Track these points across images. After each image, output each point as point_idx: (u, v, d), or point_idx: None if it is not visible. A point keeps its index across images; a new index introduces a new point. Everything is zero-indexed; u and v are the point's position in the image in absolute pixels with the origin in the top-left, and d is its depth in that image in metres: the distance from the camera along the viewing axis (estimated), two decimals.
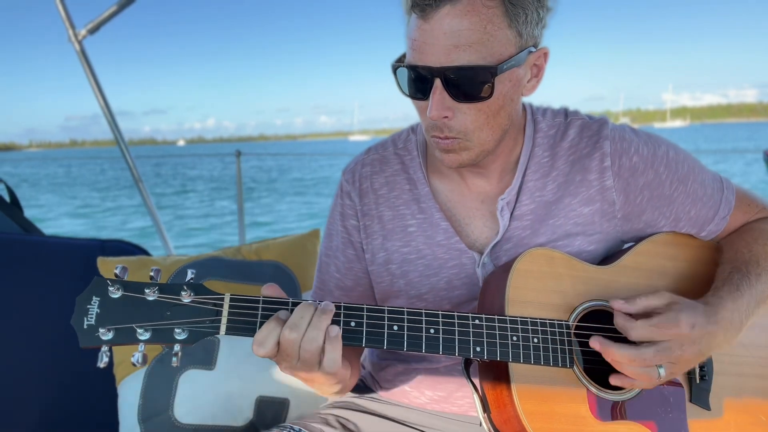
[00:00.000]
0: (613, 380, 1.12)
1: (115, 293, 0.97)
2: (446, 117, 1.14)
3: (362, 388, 1.52)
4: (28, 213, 2.43)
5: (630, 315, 1.13)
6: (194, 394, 1.75)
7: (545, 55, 1.20)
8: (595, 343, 1.11)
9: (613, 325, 1.22)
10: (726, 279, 1.22)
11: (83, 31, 2.90)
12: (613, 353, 1.09)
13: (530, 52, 1.15)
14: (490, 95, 1.12)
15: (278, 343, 1.02)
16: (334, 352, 1.03)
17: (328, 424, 1.37)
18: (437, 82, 1.11)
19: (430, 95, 1.13)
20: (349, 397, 1.48)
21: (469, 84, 1.11)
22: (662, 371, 1.08)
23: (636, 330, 1.09)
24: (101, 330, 0.94)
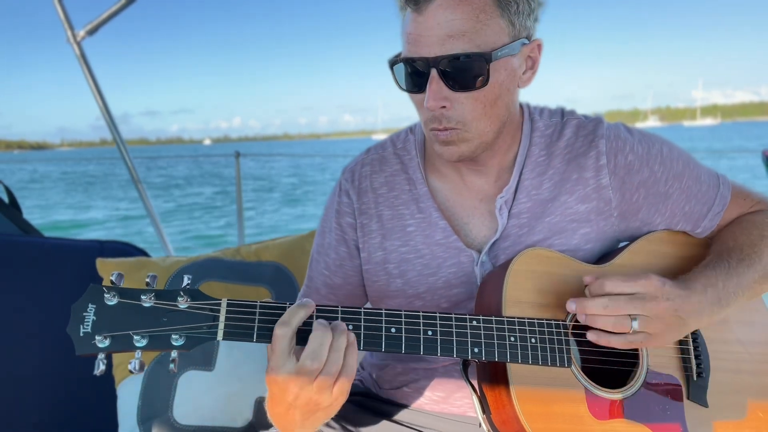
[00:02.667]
0: (590, 336, 1.12)
1: (111, 300, 0.97)
2: (444, 107, 1.16)
3: (361, 389, 1.52)
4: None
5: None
6: (194, 395, 1.76)
7: (539, 46, 1.23)
8: (571, 304, 1.12)
9: None
10: (705, 264, 1.24)
11: (82, 32, 2.89)
12: (587, 306, 1.10)
13: (524, 43, 1.18)
14: (486, 83, 1.14)
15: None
16: (352, 357, 1.02)
17: (327, 425, 1.38)
18: (433, 73, 1.13)
19: (427, 86, 1.14)
20: (348, 398, 1.48)
21: (464, 73, 1.13)
22: (635, 324, 1.09)
23: (609, 281, 1.10)
24: (97, 337, 0.94)
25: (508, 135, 1.30)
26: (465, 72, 1.13)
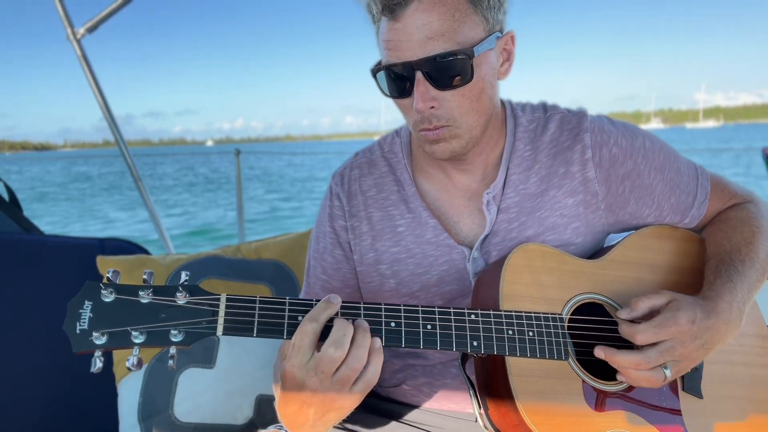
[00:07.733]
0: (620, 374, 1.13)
1: (108, 297, 0.95)
2: (432, 107, 1.17)
3: None
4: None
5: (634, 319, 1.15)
6: (194, 392, 1.76)
7: (512, 38, 1.26)
8: (600, 352, 1.13)
9: (605, 317, 1.23)
10: (716, 273, 1.24)
11: (82, 30, 2.89)
12: (618, 360, 1.11)
13: (498, 36, 1.20)
14: (471, 79, 1.16)
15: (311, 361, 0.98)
16: (377, 362, 1.01)
17: None
18: (418, 75, 1.15)
19: (414, 89, 1.16)
20: None
21: (448, 71, 1.14)
22: (668, 372, 1.10)
23: (641, 333, 1.11)
24: (95, 334, 0.92)
25: (494, 130, 1.32)
26: (449, 70, 1.14)
